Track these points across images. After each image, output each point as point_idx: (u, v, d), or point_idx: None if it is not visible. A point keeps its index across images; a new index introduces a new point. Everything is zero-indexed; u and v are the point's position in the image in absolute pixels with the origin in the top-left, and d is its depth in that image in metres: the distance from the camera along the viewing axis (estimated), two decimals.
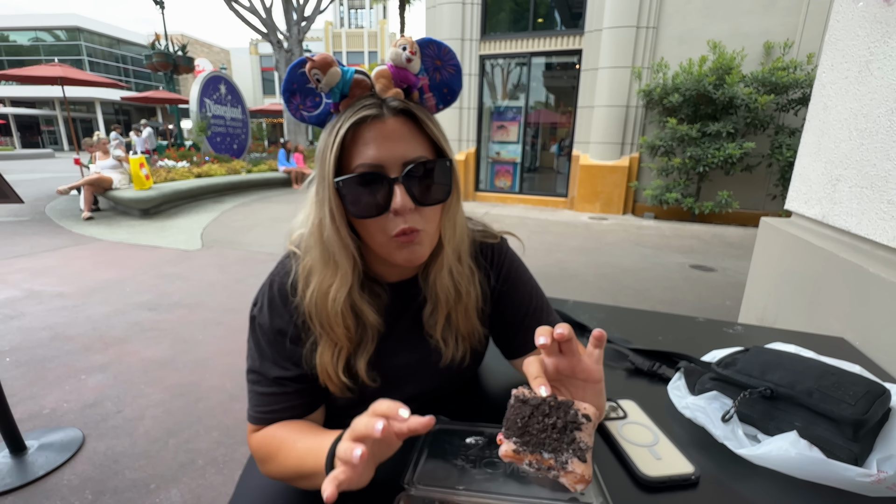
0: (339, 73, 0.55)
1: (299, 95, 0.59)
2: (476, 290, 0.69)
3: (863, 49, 1.31)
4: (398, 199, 0.55)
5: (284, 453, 0.58)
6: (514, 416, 0.43)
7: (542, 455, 0.40)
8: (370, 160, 0.55)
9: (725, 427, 0.67)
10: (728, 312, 3.19)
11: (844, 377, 0.65)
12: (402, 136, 0.56)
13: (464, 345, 0.71)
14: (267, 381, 0.63)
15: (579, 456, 0.39)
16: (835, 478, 0.57)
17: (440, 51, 0.60)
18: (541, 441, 0.41)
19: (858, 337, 1.09)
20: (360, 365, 0.64)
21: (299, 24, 12.03)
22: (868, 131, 1.24)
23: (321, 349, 0.62)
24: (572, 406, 0.43)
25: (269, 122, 27.42)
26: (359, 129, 0.55)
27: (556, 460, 0.40)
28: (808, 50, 6.07)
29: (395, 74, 0.57)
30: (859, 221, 1.24)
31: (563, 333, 0.48)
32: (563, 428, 0.41)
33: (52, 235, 5.18)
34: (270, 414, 0.63)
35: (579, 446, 0.40)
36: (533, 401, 0.43)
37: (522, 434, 0.41)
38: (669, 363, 0.91)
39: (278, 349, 0.63)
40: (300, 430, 0.61)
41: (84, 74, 10.15)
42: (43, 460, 1.65)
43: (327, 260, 0.59)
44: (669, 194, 6.54)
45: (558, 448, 0.40)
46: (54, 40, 30.65)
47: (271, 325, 0.63)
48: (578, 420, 0.41)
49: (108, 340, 2.63)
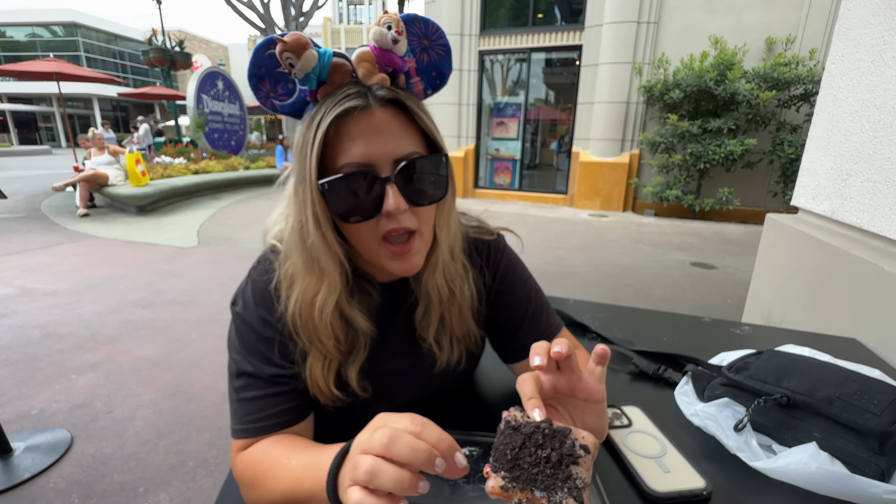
0: (316, 57, 0.48)
1: (268, 81, 0.52)
2: (470, 288, 0.65)
3: (876, 38, 1.26)
4: (391, 201, 0.49)
5: (276, 473, 0.50)
6: (503, 445, 0.38)
7: (533, 494, 0.35)
8: (358, 158, 0.49)
9: (738, 437, 0.63)
10: (730, 311, 3.15)
11: (867, 384, 0.60)
12: (391, 129, 0.50)
13: (459, 348, 0.66)
14: (261, 381, 0.56)
15: (575, 496, 0.35)
16: (859, 494, 0.53)
17: (427, 29, 0.54)
18: (532, 477, 0.36)
19: (872, 338, 1.04)
20: (352, 374, 0.58)
21: (297, 20, 11.93)
22: (882, 123, 1.19)
23: (311, 360, 0.56)
24: (569, 435, 0.38)
25: (268, 119, 27.31)
26: (342, 122, 0.49)
27: (549, 500, 0.35)
28: (811, 45, 6.01)
29: (380, 57, 0.50)
30: (872, 217, 1.20)
31: (560, 352, 0.43)
32: (557, 462, 0.36)
33: (46, 232, 5.13)
34: (266, 420, 0.56)
35: (576, 484, 0.35)
36: (525, 428, 0.38)
37: (512, 468, 0.37)
38: (676, 366, 0.87)
39: (270, 345, 0.57)
40: (293, 446, 0.53)
41: (80, 70, 10.05)
42: (29, 462, 1.60)
43: (311, 266, 0.53)
44: (670, 191, 6.49)
45: (552, 486, 0.35)
46: (51, 36, 30.46)
47: (259, 318, 0.57)
48: (576, 453, 0.37)
49: (100, 339, 2.58)
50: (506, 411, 0.41)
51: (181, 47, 12.47)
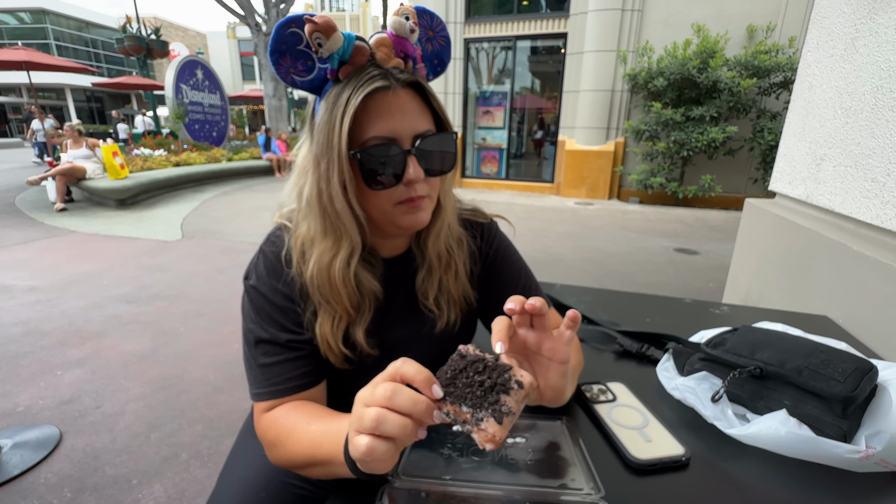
0: (342, 39, 0.53)
1: (289, 57, 0.56)
2: (464, 254, 0.71)
3: (849, 26, 1.30)
4: (411, 171, 0.56)
5: (297, 436, 0.54)
6: (448, 367, 0.42)
7: (460, 408, 0.39)
8: (384, 132, 0.55)
9: (715, 407, 0.67)
10: (711, 294, 3.24)
11: (833, 355, 0.64)
12: (411, 108, 0.57)
13: (455, 309, 0.71)
14: (279, 347, 0.61)
15: (496, 417, 0.38)
16: (824, 455, 0.57)
17: (433, 21, 0.61)
18: (463, 395, 0.40)
19: (842, 315, 1.10)
20: (359, 334, 0.63)
21: (278, 7, 11.62)
22: (853, 109, 1.23)
23: (321, 319, 0.62)
24: (508, 370, 0.41)
25: (250, 109, 26.70)
26: (369, 100, 0.54)
27: (473, 416, 0.39)
28: (790, 33, 6.11)
29: (396, 44, 0.56)
30: (843, 200, 1.25)
31: (534, 305, 0.48)
32: (490, 388, 0.40)
33: (23, 228, 4.98)
34: (286, 383, 0.60)
35: (500, 408, 0.38)
36: (471, 357, 0.42)
37: (448, 385, 0.41)
38: (658, 345, 0.90)
39: (284, 312, 0.61)
40: (313, 412, 0.58)
41: (51, 59, 9.68)
42: (18, 459, 1.59)
43: (331, 230, 0.59)
44: (654, 179, 6.59)
45: (478, 405, 0.39)
46: (18, 23, 29.11)
47: (272, 288, 0.62)
48: (509, 384, 0.40)
49: (84, 335, 2.54)
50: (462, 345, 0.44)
51: (157, 35, 12.09)
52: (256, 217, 5.70)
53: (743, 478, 0.57)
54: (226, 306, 2.97)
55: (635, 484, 0.56)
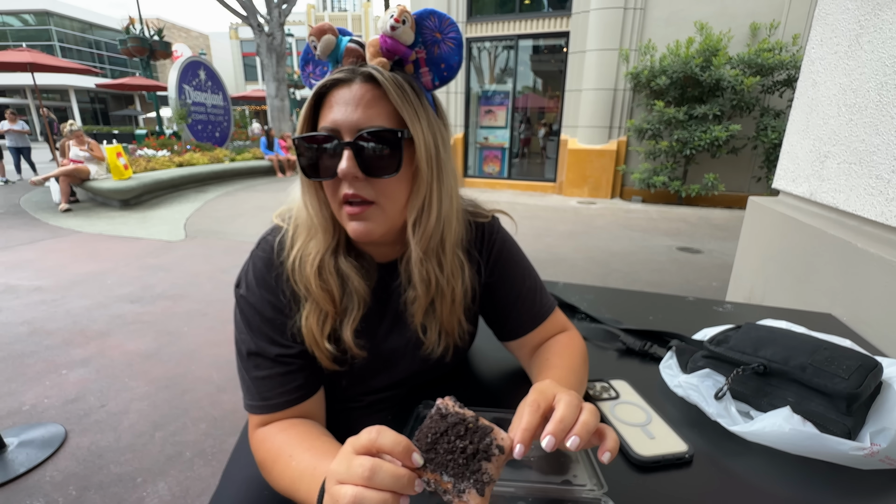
0: (333, 42, 0.56)
1: (311, 64, 0.62)
2: (466, 284, 0.66)
3: (853, 23, 1.29)
4: (343, 164, 0.53)
5: (280, 468, 0.53)
6: (427, 428, 0.40)
7: (441, 477, 0.38)
8: (329, 123, 0.55)
9: (718, 404, 0.66)
10: (715, 293, 3.23)
11: (837, 352, 0.64)
12: (365, 103, 0.54)
13: (446, 340, 0.68)
14: (268, 361, 0.60)
15: (478, 488, 0.37)
16: (828, 452, 0.57)
17: (441, 22, 0.57)
18: (444, 462, 0.38)
19: (846, 312, 1.09)
20: (346, 333, 0.61)
21: (280, 7, 11.63)
22: (857, 106, 1.23)
23: (307, 312, 0.60)
24: (489, 434, 0.40)
25: (252, 110, 26.77)
26: (329, 92, 0.55)
27: (454, 486, 0.37)
28: (794, 31, 6.08)
29: (383, 43, 0.55)
30: (847, 198, 1.24)
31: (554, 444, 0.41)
32: (472, 455, 0.38)
33: (28, 228, 5.01)
34: (276, 398, 0.59)
35: (482, 478, 0.38)
36: (451, 418, 0.40)
37: (429, 451, 0.39)
38: (661, 342, 0.90)
39: (274, 325, 0.60)
40: (300, 441, 0.55)
41: (55, 60, 9.75)
42: (24, 457, 1.60)
43: (308, 222, 0.60)
44: (657, 178, 6.56)
45: (460, 474, 0.38)
46: (22, 25, 29.28)
47: (261, 299, 0.61)
48: (491, 450, 0.39)
49: (89, 334, 2.56)
50: (440, 399, 0.42)
51: (160, 36, 12.11)
52: (258, 217, 5.72)
53: (746, 475, 0.57)
54: (229, 306, 2.96)
55: (639, 481, 0.56)
